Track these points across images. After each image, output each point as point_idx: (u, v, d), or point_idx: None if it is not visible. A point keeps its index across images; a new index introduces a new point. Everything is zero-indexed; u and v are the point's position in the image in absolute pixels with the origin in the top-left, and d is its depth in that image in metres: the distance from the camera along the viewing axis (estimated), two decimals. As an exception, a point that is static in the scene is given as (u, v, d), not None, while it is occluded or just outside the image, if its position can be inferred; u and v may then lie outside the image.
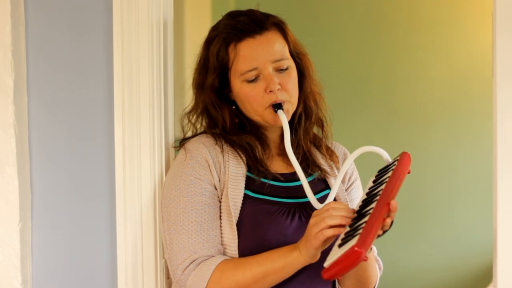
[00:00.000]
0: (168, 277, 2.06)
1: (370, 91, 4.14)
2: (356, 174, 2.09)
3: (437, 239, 4.10)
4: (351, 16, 4.15)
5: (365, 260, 1.51)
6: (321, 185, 2.00)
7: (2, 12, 2.03)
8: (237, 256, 1.84)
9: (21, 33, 2.07)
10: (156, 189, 2.03)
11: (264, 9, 1.99)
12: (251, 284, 1.78)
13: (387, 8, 4.12)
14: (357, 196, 2.05)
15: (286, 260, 1.76)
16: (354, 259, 1.51)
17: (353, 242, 1.54)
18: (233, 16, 1.95)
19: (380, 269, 2.06)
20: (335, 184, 1.87)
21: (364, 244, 1.52)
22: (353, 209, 1.72)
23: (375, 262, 2.03)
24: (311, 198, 1.85)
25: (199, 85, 1.98)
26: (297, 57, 1.98)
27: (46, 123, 2.08)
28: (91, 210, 2.08)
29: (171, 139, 2.10)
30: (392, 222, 1.69)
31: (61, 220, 2.09)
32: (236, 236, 1.84)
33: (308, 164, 1.99)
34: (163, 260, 2.04)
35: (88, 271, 2.09)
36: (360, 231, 1.56)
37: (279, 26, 1.95)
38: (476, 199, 4.04)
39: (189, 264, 1.81)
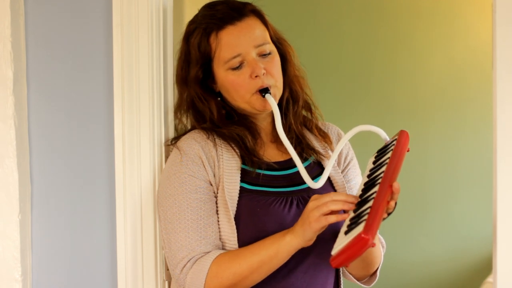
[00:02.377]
0: (167, 268, 2.06)
1: (370, 83, 4.14)
2: (352, 153, 2.09)
3: (436, 231, 4.11)
4: (351, 9, 4.14)
5: (373, 246, 1.51)
6: (317, 170, 1.99)
7: (1, 3, 2.03)
8: None
9: (20, 25, 2.07)
10: (155, 181, 2.03)
11: (265, 1, 1.99)
12: (248, 274, 1.78)
13: (387, 1, 4.12)
14: (354, 176, 2.05)
15: (279, 245, 1.76)
16: (361, 245, 1.51)
17: (359, 228, 1.54)
18: (210, 7, 1.95)
19: (383, 247, 2.06)
20: (329, 163, 1.87)
21: (370, 230, 1.51)
22: (354, 196, 1.72)
23: (379, 241, 2.03)
24: (306, 177, 1.85)
25: (183, 80, 1.97)
26: (278, 42, 1.98)
27: (46, 115, 2.08)
28: (90, 202, 2.08)
29: (171, 132, 2.09)
30: (395, 204, 1.69)
31: (60, 212, 2.09)
32: (235, 230, 1.84)
33: (303, 148, 1.99)
34: (163, 251, 2.04)
35: (88, 262, 2.09)
36: (366, 217, 1.56)
37: (257, 13, 1.95)
38: (475, 191, 4.05)
39: (187, 263, 1.81)
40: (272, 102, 1.88)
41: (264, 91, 1.89)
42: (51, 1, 2.08)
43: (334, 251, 1.59)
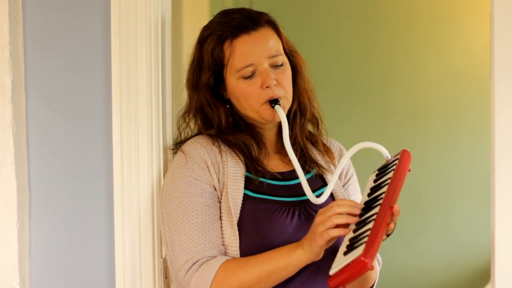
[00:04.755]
0: (166, 276, 2.06)
1: (367, 89, 4.14)
2: (352, 169, 2.10)
3: (434, 238, 4.10)
4: (348, 14, 4.15)
5: (372, 269, 1.52)
6: (319, 183, 2.00)
7: (0, 11, 2.03)
8: (239, 256, 1.84)
9: (19, 32, 2.07)
10: (154, 188, 2.02)
11: (261, 7, 1.99)
12: (255, 283, 1.78)
13: (385, 6, 4.12)
14: (354, 192, 2.06)
15: (290, 258, 1.77)
16: (360, 268, 1.52)
17: (359, 250, 1.54)
18: (226, 14, 1.95)
19: (379, 264, 2.06)
20: (332, 180, 1.88)
21: (370, 253, 1.52)
22: (358, 204, 1.73)
23: (375, 258, 2.03)
24: (308, 193, 1.85)
25: (194, 84, 1.98)
26: (290, 54, 1.99)
27: (44, 123, 2.08)
28: (89, 210, 2.08)
29: (169, 138, 2.10)
30: (394, 225, 1.70)
31: (59, 219, 2.09)
32: (238, 236, 1.84)
33: (306, 161, 2.00)
34: (161, 259, 2.04)
35: (86, 270, 2.09)
36: (365, 239, 1.56)
37: (272, 24, 1.96)
38: (473, 198, 4.04)
39: (192, 265, 1.81)
40: (281, 113, 1.89)
41: (273, 102, 1.90)
42: (50, 9, 2.08)
43: (332, 271, 1.59)
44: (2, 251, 2.05)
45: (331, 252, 1.76)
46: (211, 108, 1.95)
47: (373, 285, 2.02)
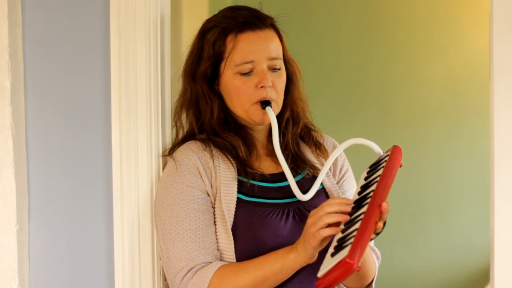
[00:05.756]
0: (165, 279, 2.06)
1: (367, 92, 4.14)
2: (347, 164, 2.09)
3: (434, 240, 4.10)
4: (348, 17, 4.15)
5: (358, 270, 1.51)
6: (311, 183, 1.98)
7: (-1, 13, 2.04)
8: (235, 261, 1.84)
9: (18, 35, 2.07)
10: (153, 190, 2.02)
11: (263, 8, 2.00)
12: None
13: (384, 10, 4.12)
14: (349, 187, 2.05)
15: (284, 262, 1.76)
16: (345, 270, 1.51)
17: (344, 252, 1.53)
18: (233, 9, 1.96)
19: (378, 258, 2.06)
20: (321, 174, 1.88)
21: (355, 254, 1.51)
22: (350, 201, 1.72)
23: (372, 254, 2.03)
24: (295, 189, 1.85)
25: (191, 74, 1.97)
26: (288, 62, 1.99)
27: (44, 125, 2.08)
28: (88, 212, 2.08)
29: (168, 140, 2.09)
30: (385, 223, 1.69)
31: (58, 222, 2.09)
32: (232, 241, 1.84)
33: (298, 164, 1.99)
34: (160, 262, 2.04)
35: (86, 273, 2.09)
36: (352, 240, 1.55)
37: (276, 29, 1.98)
38: (473, 201, 4.04)
39: (187, 272, 1.81)
40: (272, 115, 1.89)
41: (265, 103, 1.90)
42: (49, 11, 2.08)
43: (320, 273, 1.59)
44: (1, 253, 2.05)
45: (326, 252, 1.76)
46: (205, 100, 1.95)
47: (372, 280, 2.02)
